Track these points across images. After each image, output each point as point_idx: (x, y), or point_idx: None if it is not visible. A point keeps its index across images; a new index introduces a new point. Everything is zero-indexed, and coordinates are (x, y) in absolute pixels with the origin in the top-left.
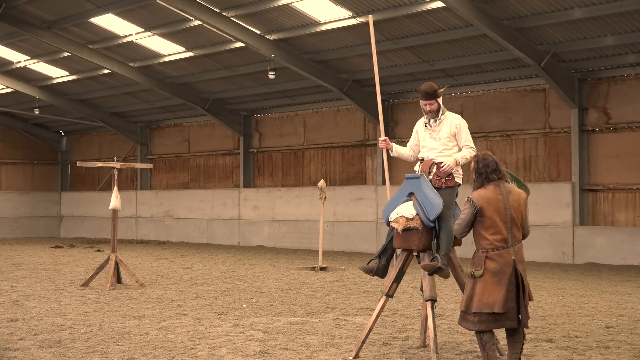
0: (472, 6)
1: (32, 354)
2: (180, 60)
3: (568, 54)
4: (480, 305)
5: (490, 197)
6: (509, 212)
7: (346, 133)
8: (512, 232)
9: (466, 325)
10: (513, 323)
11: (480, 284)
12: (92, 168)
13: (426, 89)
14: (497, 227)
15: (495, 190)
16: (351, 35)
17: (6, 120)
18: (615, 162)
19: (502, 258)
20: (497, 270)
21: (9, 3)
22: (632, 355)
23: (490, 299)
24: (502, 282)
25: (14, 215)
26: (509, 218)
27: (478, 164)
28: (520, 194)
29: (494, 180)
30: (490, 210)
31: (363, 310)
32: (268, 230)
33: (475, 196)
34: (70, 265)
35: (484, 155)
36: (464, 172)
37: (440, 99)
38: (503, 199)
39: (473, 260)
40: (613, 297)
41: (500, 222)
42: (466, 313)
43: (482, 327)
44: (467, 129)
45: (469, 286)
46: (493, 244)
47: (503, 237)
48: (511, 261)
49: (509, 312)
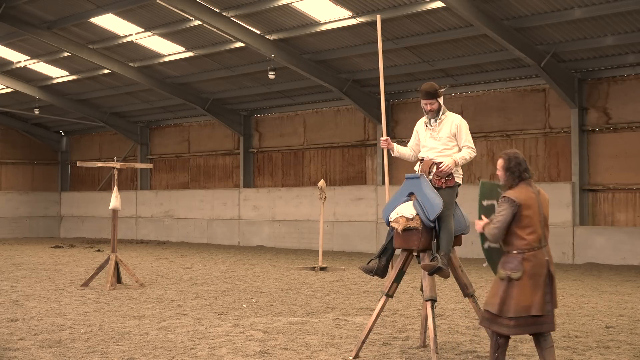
0: (472, 6)
1: (32, 354)
2: (180, 60)
3: (568, 54)
4: (518, 309)
5: (527, 195)
6: (541, 211)
7: (346, 133)
8: (544, 231)
9: (500, 330)
10: (550, 326)
11: (518, 287)
12: (92, 168)
13: (427, 88)
14: (534, 227)
15: (529, 189)
16: (351, 35)
17: (6, 120)
18: (615, 162)
19: (537, 259)
20: (533, 272)
21: (9, 3)
22: (632, 355)
23: (527, 301)
24: (539, 284)
25: (14, 215)
26: (542, 217)
27: (510, 162)
28: (545, 194)
29: (526, 179)
30: (528, 209)
31: (363, 310)
32: (268, 230)
33: (513, 195)
34: (70, 265)
35: (515, 154)
36: (464, 172)
37: (441, 98)
38: (536, 197)
39: (507, 262)
40: (613, 297)
41: (537, 221)
42: (499, 317)
43: (519, 331)
44: (467, 129)
45: (501, 288)
46: (530, 244)
47: (539, 236)
48: (545, 262)
49: (546, 315)
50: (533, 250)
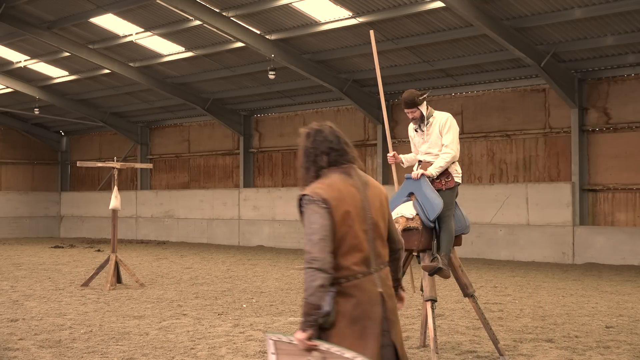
0: (472, 6)
1: (32, 354)
2: (180, 60)
3: (568, 54)
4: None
5: (340, 190)
6: (369, 215)
7: (346, 133)
8: (375, 247)
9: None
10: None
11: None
12: (92, 168)
13: (406, 97)
14: (356, 240)
15: (346, 181)
16: (351, 35)
17: (6, 120)
18: (615, 162)
19: (363, 293)
20: (357, 314)
21: (9, 3)
22: (632, 355)
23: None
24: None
25: (14, 215)
26: (369, 225)
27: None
28: (380, 186)
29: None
30: (342, 212)
31: None
32: (268, 230)
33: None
34: (70, 265)
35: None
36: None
37: (423, 105)
38: (359, 193)
39: None
40: (613, 297)
41: (360, 232)
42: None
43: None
44: (454, 127)
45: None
46: (349, 269)
47: (364, 255)
48: (377, 296)
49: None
50: (355, 279)
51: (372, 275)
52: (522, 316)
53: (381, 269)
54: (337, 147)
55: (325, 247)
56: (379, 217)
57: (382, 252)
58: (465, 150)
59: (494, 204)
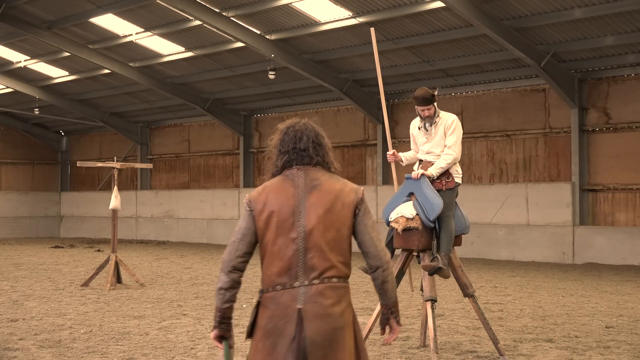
0: (472, 6)
1: (32, 354)
2: (180, 60)
3: (568, 54)
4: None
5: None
6: (302, 222)
7: (346, 133)
8: (306, 259)
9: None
10: None
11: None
12: (92, 168)
13: (422, 94)
14: (276, 248)
15: (285, 184)
16: (351, 35)
17: (6, 120)
18: (615, 162)
19: (278, 306)
20: (270, 327)
21: (9, 3)
22: (632, 355)
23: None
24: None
25: (14, 215)
26: (301, 232)
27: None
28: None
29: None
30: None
31: (363, 310)
32: None
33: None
34: (70, 265)
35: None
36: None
37: (435, 104)
38: (293, 199)
39: None
40: (613, 297)
41: (282, 239)
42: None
43: None
44: (458, 130)
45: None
46: (270, 279)
47: (285, 266)
48: (293, 312)
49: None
50: (274, 291)
51: (295, 290)
52: (522, 316)
53: (314, 284)
54: (303, 147)
55: (234, 250)
56: (319, 226)
57: (321, 265)
58: (465, 150)
59: (494, 204)
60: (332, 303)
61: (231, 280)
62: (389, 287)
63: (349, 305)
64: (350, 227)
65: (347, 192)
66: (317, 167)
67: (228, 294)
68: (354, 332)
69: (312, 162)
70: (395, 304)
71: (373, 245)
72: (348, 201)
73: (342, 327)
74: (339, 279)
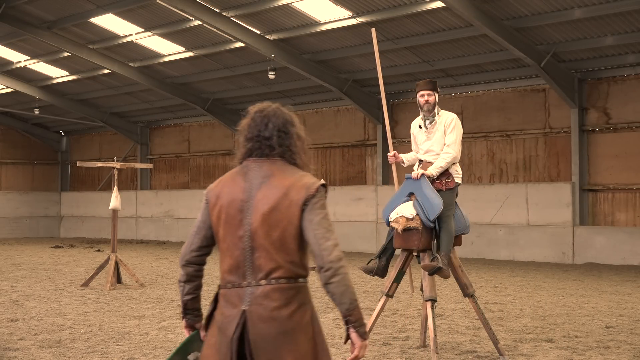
0: (472, 6)
1: (32, 354)
2: (180, 60)
3: (568, 54)
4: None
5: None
6: (248, 220)
7: (346, 133)
8: (253, 258)
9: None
10: None
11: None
12: (92, 168)
13: (424, 80)
14: (227, 245)
15: (238, 177)
16: (351, 35)
17: (6, 120)
18: (615, 162)
19: (227, 305)
20: (220, 325)
21: (9, 3)
22: (632, 355)
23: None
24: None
25: (14, 215)
26: (247, 231)
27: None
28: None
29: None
30: (217, 211)
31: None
32: None
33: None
34: (70, 265)
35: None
36: (464, 172)
37: (437, 95)
38: (243, 194)
39: None
40: (613, 297)
41: (230, 237)
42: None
43: None
44: (458, 128)
45: None
46: (223, 277)
47: (234, 264)
48: (237, 313)
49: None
50: (225, 288)
51: (243, 290)
52: (522, 316)
53: (262, 285)
54: (267, 134)
55: (188, 244)
56: (263, 225)
57: (267, 266)
58: (465, 150)
59: (494, 204)
60: (278, 306)
61: (186, 274)
62: (336, 291)
63: (303, 306)
64: (298, 225)
65: (297, 187)
66: (277, 158)
67: (187, 286)
68: (312, 335)
69: (272, 152)
70: (350, 312)
71: (316, 243)
72: (297, 198)
73: (290, 331)
74: (288, 280)
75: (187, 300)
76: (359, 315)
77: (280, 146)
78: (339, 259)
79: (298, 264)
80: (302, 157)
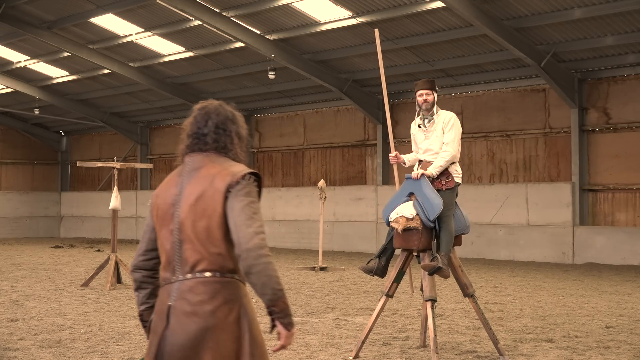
0: (472, 6)
1: (32, 354)
2: (180, 60)
3: (568, 54)
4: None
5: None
6: (178, 212)
7: (346, 133)
8: (181, 252)
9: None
10: None
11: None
12: (92, 168)
13: (423, 80)
14: (160, 242)
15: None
16: (351, 35)
17: (6, 120)
18: (615, 162)
19: (159, 302)
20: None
21: (9, 3)
22: (632, 355)
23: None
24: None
25: (14, 215)
26: (177, 223)
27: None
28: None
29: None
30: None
31: (363, 310)
32: (268, 230)
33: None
34: (70, 265)
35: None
36: (464, 172)
37: (436, 94)
38: (176, 187)
39: None
40: (613, 297)
41: (163, 232)
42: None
43: None
44: (456, 127)
45: None
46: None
47: (165, 261)
48: (165, 309)
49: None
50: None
51: (171, 285)
52: (522, 316)
53: (187, 279)
54: (205, 131)
55: (137, 249)
56: (190, 215)
57: (192, 258)
58: (465, 150)
59: (494, 204)
60: (201, 300)
61: (134, 280)
62: (257, 282)
63: (229, 302)
64: (222, 213)
65: (222, 175)
66: (210, 152)
67: (140, 295)
68: (237, 335)
69: (206, 147)
70: (274, 303)
71: (235, 230)
72: (220, 185)
73: (211, 328)
74: (214, 273)
75: (142, 311)
76: (283, 306)
77: (215, 142)
78: (259, 247)
79: (226, 257)
80: (238, 153)
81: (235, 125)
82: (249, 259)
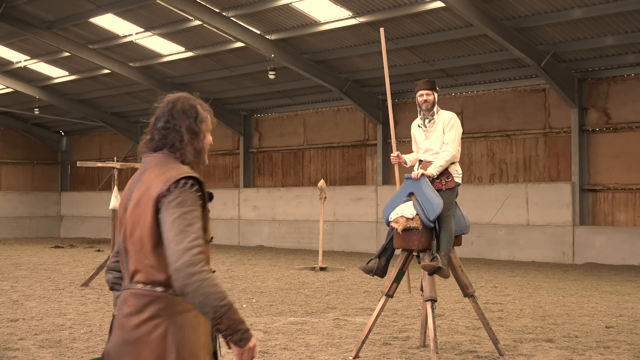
0: (472, 6)
1: (32, 354)
2: (180, 60)
3: (568, 54)
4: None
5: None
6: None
7: (346, 133)
8: (127, 260)
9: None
10: None
11: None
12: (92, 168)
13: (423, 80)
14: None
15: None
16: (351, 35)
17: (6, 120)
18: (615, 162)
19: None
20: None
21: (9, 3)
22: (632, 355)
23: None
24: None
25: (14, 215)
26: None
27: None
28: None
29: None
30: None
31: (363, 310)
32: (268, 230)
33: None
34: (70, 265)
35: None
36: (464, 172)
37: (436, 94)
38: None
39: None
40: (613, 297)
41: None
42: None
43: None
44: (457, 127)
45: None
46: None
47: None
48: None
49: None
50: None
51: (120, 293)
52: (522, 316)
53: (126, 289)
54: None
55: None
56: (129, 223)
57: (130, 268)
58: (465, 150)
59: (494, 204)
60: (130, 312)
61: (107, 281)
62: (195, 301)
63: (156, 318)
64: (152, 224)
65: (157, 181)
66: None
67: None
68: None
69: (153, 146)
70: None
71: (167, 247)
72: (152, 194)
73: (132, 342)
74: (145, 285)
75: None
76: (229, 323)
77: (161, 140)
78: (189, 264)
79: (158, 269)
80: (187, 153)
81: (189, 119)
82: (179, 279)
